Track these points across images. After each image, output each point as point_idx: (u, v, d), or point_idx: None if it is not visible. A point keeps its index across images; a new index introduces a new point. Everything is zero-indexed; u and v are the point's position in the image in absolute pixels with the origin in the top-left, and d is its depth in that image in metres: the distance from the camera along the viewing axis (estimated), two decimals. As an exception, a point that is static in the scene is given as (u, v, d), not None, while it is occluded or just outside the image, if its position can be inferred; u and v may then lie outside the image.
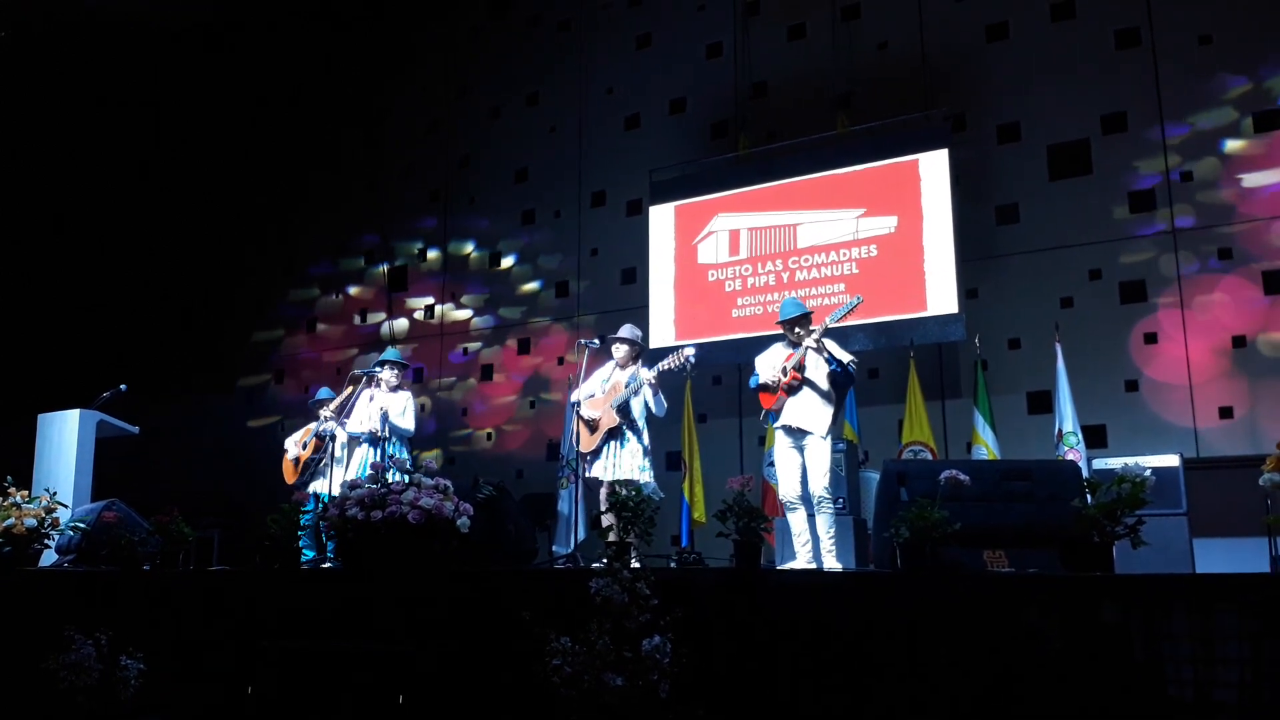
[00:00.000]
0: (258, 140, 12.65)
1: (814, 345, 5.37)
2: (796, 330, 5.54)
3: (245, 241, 12.68)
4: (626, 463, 5.91)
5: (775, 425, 5.53)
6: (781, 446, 5.49)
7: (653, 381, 5.89)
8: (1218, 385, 7.49)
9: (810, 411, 5.38)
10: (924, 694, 3.67)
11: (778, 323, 5.69)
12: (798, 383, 5.39)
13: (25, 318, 12.12)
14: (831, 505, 5.33)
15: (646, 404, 5.99)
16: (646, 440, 6.03)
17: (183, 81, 12.93)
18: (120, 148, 12.97)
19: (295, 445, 7.60)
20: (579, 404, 6.18)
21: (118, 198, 13.06)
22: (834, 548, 5.27)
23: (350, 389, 7.39)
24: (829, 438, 5.38)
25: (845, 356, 5.41)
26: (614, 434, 5.97)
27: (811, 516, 5.40)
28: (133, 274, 13.05)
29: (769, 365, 5.61)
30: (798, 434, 5.42)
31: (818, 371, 5.38)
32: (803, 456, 5.40)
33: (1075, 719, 3.47)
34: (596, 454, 6.00)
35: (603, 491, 6.02)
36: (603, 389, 6.16)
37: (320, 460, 7.35)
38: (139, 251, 13.06)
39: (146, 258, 13.05)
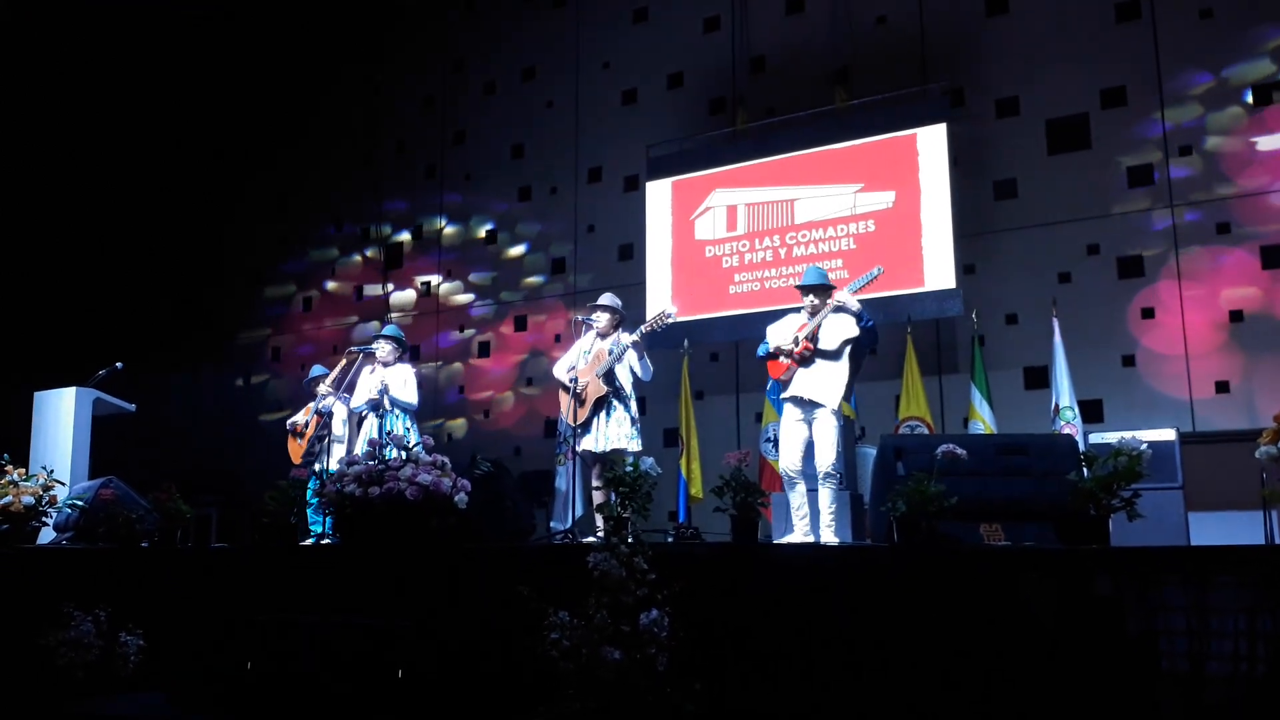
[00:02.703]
0: (252, 115, 12.57)
1: (842, 303, 5.32)
2: (812, 299, 5.49)
3: (241, 218, 12.63)
4: (615, 432, 5.86)
5: (783, 396, 5.48)
6: (789, 418, 5.43)
7: (637, 343, 5.87)
8: (1214, 359, 7.50)
9: (822, 383, 5.31)
10: (919, 667, 3.69)
11: (798, 286, 5.61)
12: (810, 353, 5.34)
13: (22, 295, 12.08)
14: (836, 481, 5.30)
15: (632, 370, 5.96)
16: (634, 408, 6.01)
17: (177, 62, 12.83)
18: (114, 127, 12.88)
19: (299, 424, 7.60)
20: (565, 377, 6.12)
21: (113, 175, 12.99)
22: (834, 522, 5.25)
23: (344, 362, 7.37)
24: (839, 411, 5.34)
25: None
26: (601, 404, 5.91)
27: (812, 491, 5.37)
28: (129, 250, 13.00)
29: (781, 334, 5.53)
30: (807, 406, 5.37)
31: (830, 342, 5.34)
32: (810, 430, 5.37)
33: (1070, 691, 3.49)
34: (586, 427, 5.94)
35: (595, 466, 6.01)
36: (584, 360, 6.09)
37: (324, 438, 7.34)
38: (136, 229, 13.00)
39: (143, 235, 12.99)
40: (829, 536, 5.21)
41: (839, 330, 5.33)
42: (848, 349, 5.35)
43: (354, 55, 12.02)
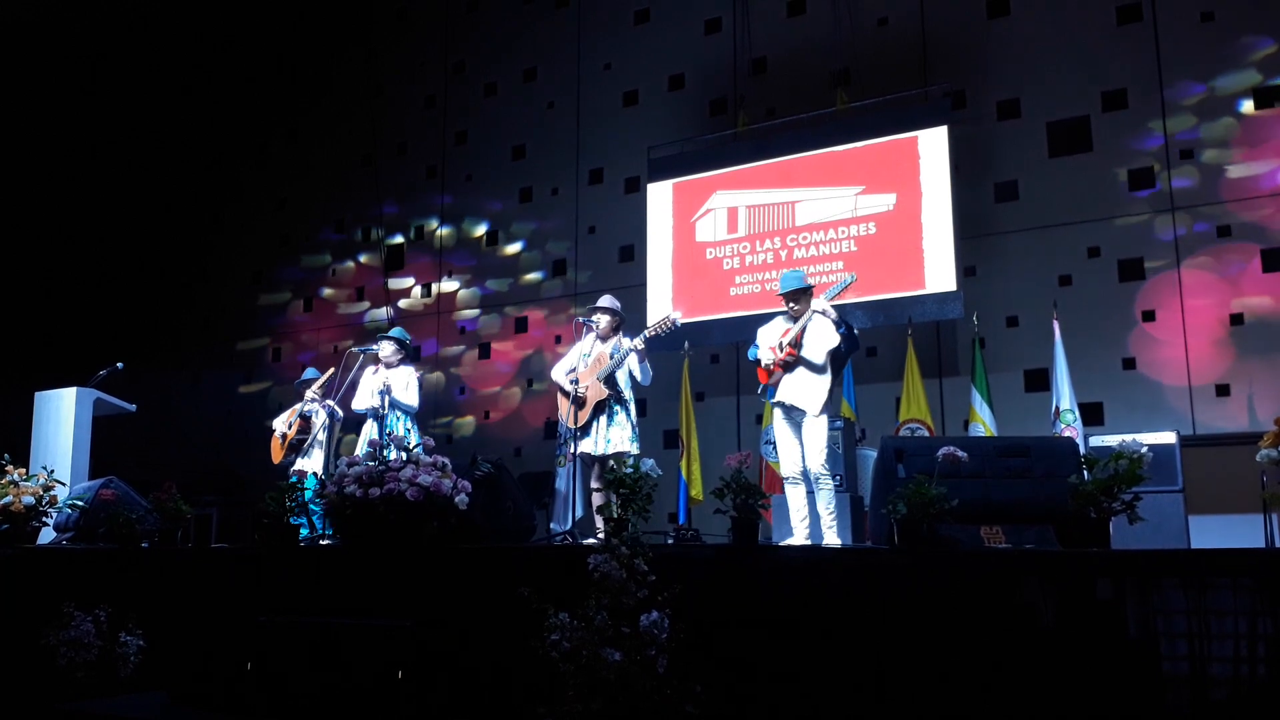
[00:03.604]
0: (255, 116, 12.58)
1: (823, 310, 5.32)
2: (792, 305, 5.49)
3: (242, 218, 12.64)
4: (616, 436, 5.87)
5: (771, 401, 5.52)
6: (779, 423, 5.47)
7: (639, 349, 5.86)
8: (1215, 363, 7.50)
9: (804, 389, 5.34)
10: (920, 669, 3.69)
11: (780, 294, 5.63)
12: (793, 359, 5.37)
13: (22, 295, 12.09)
14: (830, 482, 5.33)
15: (631, 374, 5.95)
16: (634, 412, 6.01)
17: (180, 55, 12.85)
18: (115, 122, 12.90)
19: (282, 425, 7.61)
20: (564, 380, 6.11)
21: (114, 175, 13.00)
22: (834, 524, 5.26)
23: (331, 371, 7.38)
24: (823, 415, 5.36)
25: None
26: (601, 408, 5.91)
27: (811, 494, 5.39)
28: (129, 251, 13.02)
29: (768, 339, 5.55)
30: (792, 411, 5.41)
31: (814, 348, 5.35)
32: (799, 434, 5.40)
33: (1070, 694, 3.49)
34: (585, 430, 5.93)
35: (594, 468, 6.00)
36: (584, 363, 6.07)
37: (305, 440, 7.36)
38: (136, 229, 13.02)
39: (144, 235, 13.00)
40: (831, 538, 5.21)
41: (822, 339, 5.33)
42: (831, 358, 5.37)
43: (354, 55, 12.02)
